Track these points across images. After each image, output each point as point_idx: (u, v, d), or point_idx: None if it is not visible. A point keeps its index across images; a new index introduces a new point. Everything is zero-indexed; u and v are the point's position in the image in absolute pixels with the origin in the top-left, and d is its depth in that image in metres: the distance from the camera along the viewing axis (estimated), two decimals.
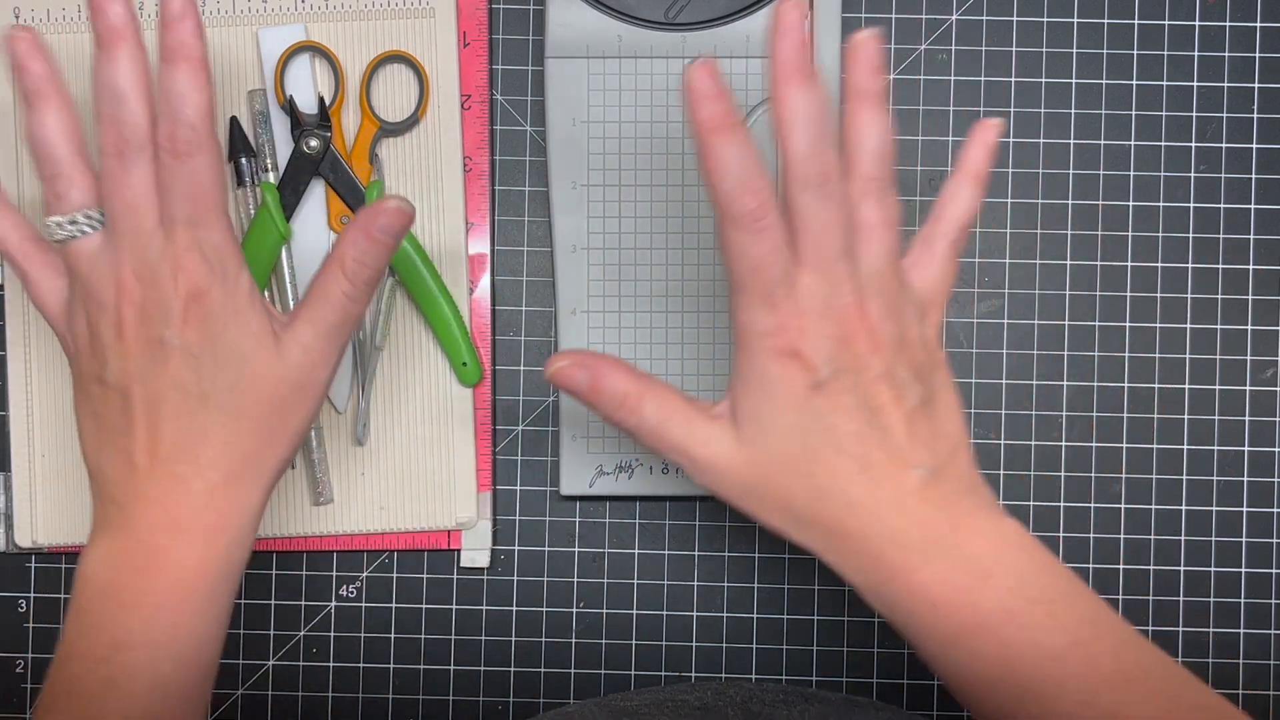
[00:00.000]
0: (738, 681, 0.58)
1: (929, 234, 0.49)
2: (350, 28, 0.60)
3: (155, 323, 0.46)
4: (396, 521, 0.61)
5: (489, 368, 0.61)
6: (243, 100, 0.60)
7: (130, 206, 0.46)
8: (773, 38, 0.44)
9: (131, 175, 0.46)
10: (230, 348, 0.47)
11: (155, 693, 0.45)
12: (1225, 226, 0.62)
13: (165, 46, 0.46)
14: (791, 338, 0.45)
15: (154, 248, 0.46)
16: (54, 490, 0.61)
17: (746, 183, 0.44)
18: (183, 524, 0.46)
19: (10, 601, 0.62)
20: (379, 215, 0.48)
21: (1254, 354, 0.62)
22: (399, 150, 0.60)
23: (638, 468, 0.60)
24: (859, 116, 0.46)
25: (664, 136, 0.59)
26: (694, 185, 0.59)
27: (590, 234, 0.60)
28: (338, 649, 0.62)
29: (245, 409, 0.47)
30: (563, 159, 0.60)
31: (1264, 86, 0.62)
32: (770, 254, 0.44)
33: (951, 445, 0.46)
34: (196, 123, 0.46)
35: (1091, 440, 0.62)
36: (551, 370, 0.47)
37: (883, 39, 0.47)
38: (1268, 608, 0.62)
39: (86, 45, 0.60)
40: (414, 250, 0.59)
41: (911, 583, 0.44)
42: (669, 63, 0.59)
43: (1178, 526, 0.62)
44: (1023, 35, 0.62)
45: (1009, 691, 0.43)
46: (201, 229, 0.46)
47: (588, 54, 0.59)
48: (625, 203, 0.60)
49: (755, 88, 0.59)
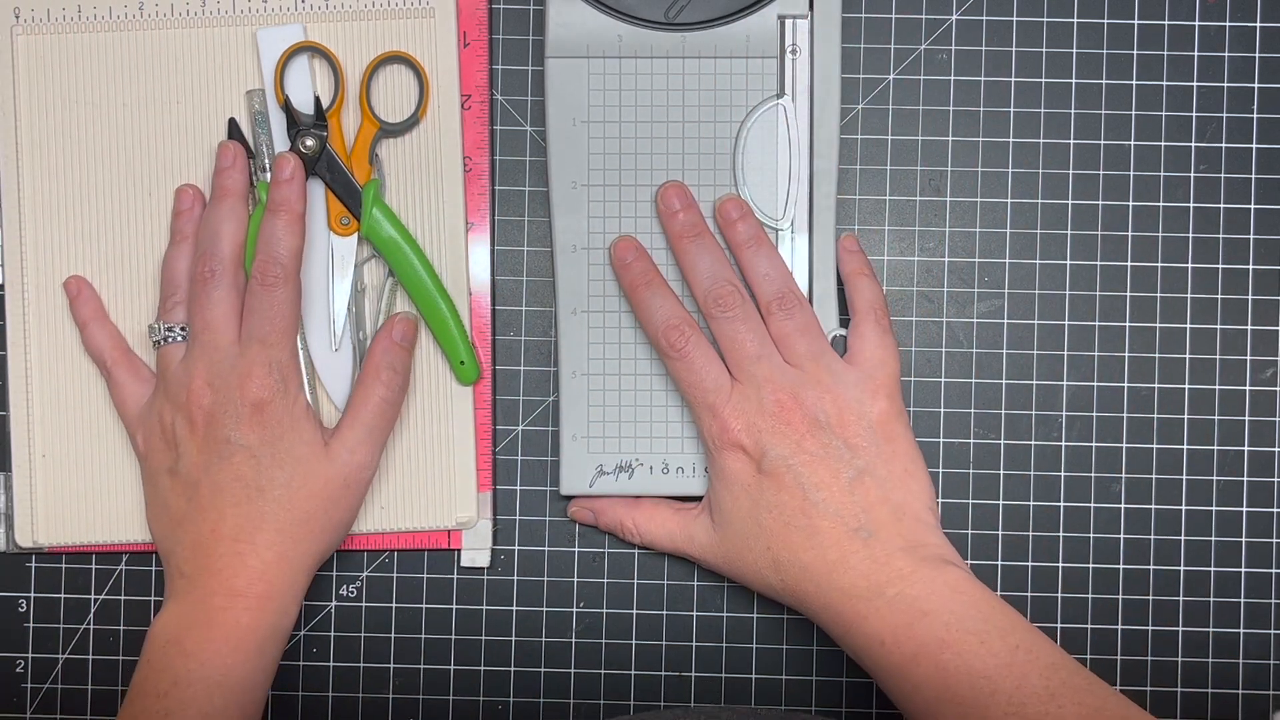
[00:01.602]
0: (694, 710, 0.60)
1: (852, 324, 0.58)
2: (350, 28, 0.60)
3: (223, 424, 0.54)
4: (396, 521, 0.61)
5: (489, 368, 0.61)
6: (241, 101, 0.60)
7: (208, 323, 0.55)
8: (667, 215, 0.57)
9: (212, 298, 0.55)
10: (286, 450, 0.55)
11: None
12: (1225, 226, 0.62)
13: (272, 199, 0.56)
14: (734, 434, 0.54)
15: (226, 361, 0.55)
16: (54, 490, 0.61)
17: (669, 320, 0.56)
18: (239, 591, 0.53)
19: (10, 601, 0.62)
20: (394, 327, 0.58)
21: (1254, 354, 0.62)
22: (399, 150, 0.60)
23: (638, 468, 0.60)
24: (744, 259, 0.57)
25: (664, 136, 0.59)
26: (694, 185, 0.59)
27: (590, 234, 0.60)
28: (338, 649, 0.62)
29: (297, 502, 0.55)
30: (563, 159, 0.60)
31: (1264, 86, 0.62)
32: (699, 374, 0.55)
33: (893, 508, 0.54)
34: (286, 262, 0.55)
35: (1091, 440, 0.62)
36: (570, 514, 0.61)
37: (741, 203, 0.58)
38: (1268, 608, 0.62)
39: (86, 45, 0.60)
40: (412, 250, 0.59)
41: (865, 628, 0.52)
42: (669, 63, 0.59)
43: (1178, 526, 0.62)
44: (1023, 35, 0.62)
45: (950, 710, 0.50)
46: (273, 348, 0.55)
47: (588, 54, 0.59)
48: (625, 203, 0.60)
49: (755, 87, 0.59)
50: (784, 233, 0.59)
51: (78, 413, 0.61)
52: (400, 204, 0.60)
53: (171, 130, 0.60)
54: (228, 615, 0.53)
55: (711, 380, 0.55)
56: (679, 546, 0.58)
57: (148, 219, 0.60)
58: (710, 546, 0.57)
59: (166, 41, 0.60)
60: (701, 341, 0.56)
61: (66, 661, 0.62)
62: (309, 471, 0.55)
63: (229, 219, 0.57)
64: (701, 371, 0.55)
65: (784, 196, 0.59)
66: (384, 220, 0.59)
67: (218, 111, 0.60)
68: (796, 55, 0.59)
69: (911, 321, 0.62)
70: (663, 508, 0.59)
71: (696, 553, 0.57)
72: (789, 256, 0.59)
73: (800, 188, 0.59)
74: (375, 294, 0.61)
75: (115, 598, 0.62)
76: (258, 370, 0.54)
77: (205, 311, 0.55)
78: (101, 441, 0.61)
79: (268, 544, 0.54)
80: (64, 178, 0.60)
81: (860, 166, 0.62)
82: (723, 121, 0.59)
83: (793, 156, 0.59)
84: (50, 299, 0.61)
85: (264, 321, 0.55)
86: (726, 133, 0.59)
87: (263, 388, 0.54)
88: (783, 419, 0.54)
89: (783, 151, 0.59)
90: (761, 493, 0.54)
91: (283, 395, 0.55)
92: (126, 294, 0.61)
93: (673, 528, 0.58)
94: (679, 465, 0.60)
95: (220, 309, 0.55)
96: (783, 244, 0.59)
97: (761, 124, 0.59)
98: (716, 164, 0.59)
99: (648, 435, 0.60)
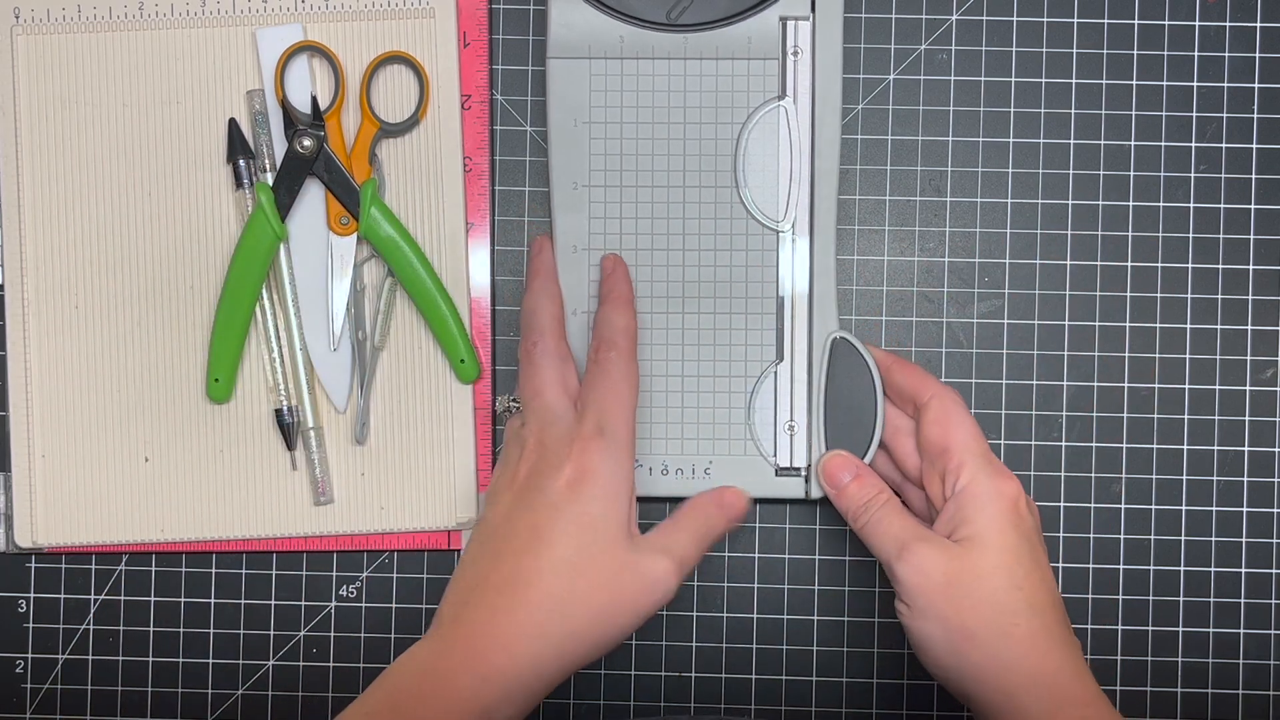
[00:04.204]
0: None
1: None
2: (350, 28, 0.60)
3: (542, 476, 0.53)
4: (396, 521, 0.61)
5: (489, 368, 0.61)
6: (241, 101, 0.60)
7: (537, 391, 0.55)
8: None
9: (537, 368, 0.56)
10: (589, 520, 0.52)
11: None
12: (1225, 226, 0.62)
13: (604, 289, 0.58)
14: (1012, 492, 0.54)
15: (560, 424, 0.54)
16: (54, 490, 0.61)
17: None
18: (478, 652, 0.50)
19: (10, 601, 0.62)
20: (727, 494, 0.56)
21: (1254, 354, 0.62)
22: (399, 150, 0.60)
23: (638, 469, 0.60)
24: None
25: (665, 138, 0.59)
26: (695, 187, 0.59)
27: (591, 234, 0.60)
28: (338, 649, 0.62)
29: (581, 572, 0.51)
30: (564, 159, 0.60)
31: (1264, 86, 0.62)
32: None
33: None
34: (620, 344, 0.56)
35: (1091, 440, 0.62)
36: (826, 469, 0.58)
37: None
38: (1268, 608, 0.62)
39: (86, 45, 0.60)
40: (410, 249, 0.59)
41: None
42: (670, 64, 0.59)
43: (1178, 526, 0.62)
44: (1023, 35, 0.62)
45: None
46: (607, 420, 0.53)
47: (590, 54, 0.59)
48: (626, 203, 0.60)
49: (756, 89, 0.59)
50: (785, 235, 0.59)
51: (78, 413, 0.61)
52: (400, 204, 0.60)
53: (171, 130, 0.60)
54: (454, 681, 0.50)
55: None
56: (891, 558, 0.54)
57: (148, 219, 0.60)
58: (929, 577, 0.53)
59: (166, 41, 0.60)
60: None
61: (66, 662, 0.62)
62: (601, 549, 0.52)
63: (543, 298, 0.58)
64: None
65: (785, 198, 0.59)
66: (382, 220, 0.59)
67: (218, 111, 0.60)
68: (798, 57, 0.59)
69: (911, 322, 0.62)
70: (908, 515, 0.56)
71: (908, 579, 0.53)
72: (789, 259, 0.59)
73: (801, 189, 0.59)
74: (374, 293, 0.61)
75: (115, 598, 0.62)
76: (592, 440, 0.53)
77: (532, 380, 0.56)
78: (101, 441, 0.61)
79: (529, 603, 0.51)
80: (64, 178, 0.60)
81: (860, 167, 0.62)
82: (724, 123, 0.59)
83: (794, 158, 0.59)
84: (50, 299, 0.61)
85: (599, 396, 0.54)
86: (728, 134, 0.59)
87: (591, 453, 0.53)
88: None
89: (784, 153, 0.59)
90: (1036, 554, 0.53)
91: (611, 465, 0.53)
92: (126, 293, 0.61)
93: (906, 538, 0.54)
94: (678, 466, 0.60)
95: (545, 375, 0.55)
96: (783, 246, 0.59)
97: (763, 125, 0.59)
98: (718, 165, 0.59)
99: (647, 436, 0.60)
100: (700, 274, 0.60)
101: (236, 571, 0.62)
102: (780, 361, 0.60)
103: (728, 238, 0.59)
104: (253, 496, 0.61)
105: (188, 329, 0.61)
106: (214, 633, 0.62)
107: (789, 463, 0.60)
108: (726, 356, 0.60)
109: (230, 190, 0.60)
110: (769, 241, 0.59)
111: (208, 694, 0.62)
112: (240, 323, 0.59)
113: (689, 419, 0.59)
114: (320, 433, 0.61)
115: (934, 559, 0.52)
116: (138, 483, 0.61)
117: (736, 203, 0.59)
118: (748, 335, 0.60)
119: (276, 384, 0.60)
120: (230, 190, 0.60)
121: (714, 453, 0.60)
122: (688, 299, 0.59)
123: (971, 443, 0.54)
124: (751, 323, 0.60)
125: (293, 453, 0.61)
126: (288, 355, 0.61)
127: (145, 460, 0.61)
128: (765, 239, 0.59)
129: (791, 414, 0.59)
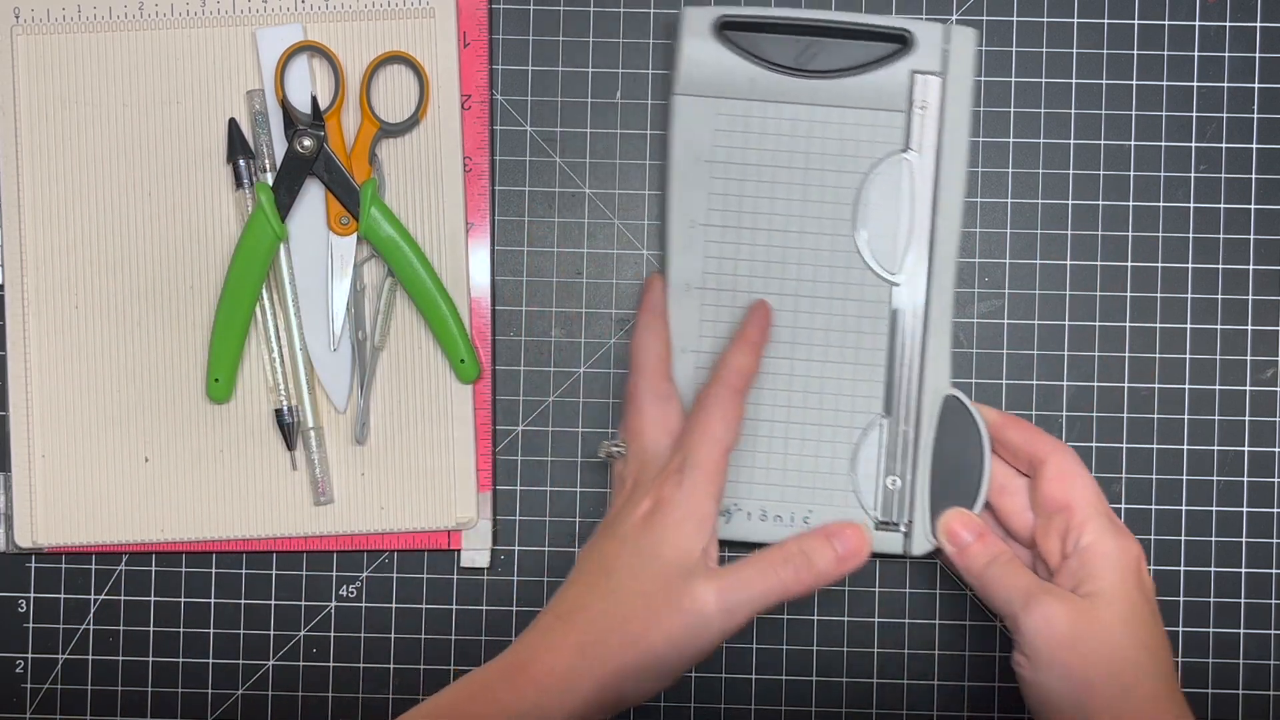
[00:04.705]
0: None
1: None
2: (350, 28, 0.60)
3: (624, 512, 0.54)
4: (396, 521, 0.61)
5: (489, 368, 0.61)
6: (241, 101, 0.60)
7: (633, 434, 0.57)
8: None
9: (639, 408, 0.57)
10: (650, 548, 0.52)
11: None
12: (1225, 226, 0.62)
13: (740, 328, 0.57)
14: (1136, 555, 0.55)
15: (652, 469, 0.55)
16: (54, 490, 0.61)
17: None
18: (521, 665, 0.51)
19: (10, 601, 0.62)
20: (845, 534, 0.55)
21: (1254, 354, 0.62)
22: (399, 150, 0.60)
23: (735, 513, 0.59)
24: None
25: (786, 182, 0.59)
26: (812, 233, 0.59)
27: (705, 273, 0.59)
28: (338, 649, 0.62)
29: (624, 595, 0.52)
30: (683, 196, 0.59)
31: (1264, 86, 0.62)
32: None
33: None
34: (732, 382, 0.55)
35: (1091, 440, 0.62)
36: (944, 529, 0.57)
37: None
38: (1268, 608, 0.62)
39: (86, 45, 0.60)
40: (410, 249, 0.59)
41: None
42: (797, 108, 0.59)
43: (1178, 526, 0.62)
44: (1023, 35, 0.62)
45: None
46: (694, 453, 0.53)
47: (718, 94, 0.59)
48: (742, 244, 0.59)
49: (881, 139, 0.59)
50: (899, 287, 0.59)
51: (78, 413, 0.61)
52: (400, 204, 0.60)
53: (171, 130, 0.60)
54: (501, 697, 0.51)
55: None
56: (1016, 610, 0.53)
57: (148, 219, 0.60)
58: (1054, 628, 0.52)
59: (166, 41, 0.60)
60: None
61: (66, 662, 0.62)
62: (664, 583, 0.52)
63: (651, 340, 0.58)
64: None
65: (901, 250, 0.59)
66: (382, 219, 0.59)
67: (218, 111, 0.60)
68: (925, 111, 0.59)
69: None
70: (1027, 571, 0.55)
71: (1033, 630, 0.53)
72: (903, 311, 0.59)
73: (918, 243, 0.59)
74: (374, 293, 0.61)
75: (115, 598, 0.62)
76: (675, 476, 0.53)
77: (634, 421, 0.57)
78: (101, 441, 0.61)
79: (579, 626, 0.52)
80: (64, 178, 0.60)
81: None
82: (846, 171, 0.59)
83: (914, 211, 0.59)
84: (50, 299, 0.61)
85: (699, 438, 0.54)
86: (849, 182, 0.59)
87: (671, 488, 0.53)
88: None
89: (904, 205, 0.59)
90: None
91: (687, 502, 0.52)
92: (126, 293, 0.61)
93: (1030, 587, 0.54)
94: (776, 513, 0.59)
95: (646, 416, 0.56)
96: (897, 298, 0.59)
97: (884, 176, 0.59)
98: (836, 212, 0.59)
99: (748, 480, 0.59)
100: (813, 320, 0.59)
101: (236, 571, 0.62)
102: (887, 415, 0.59)
103: (842, 286, 0.59)
104: (253, 496, 0.61)
105: (188, 329, 0.61)
106: (214, 633, 0.62)
107: (890, 517, 0.59)
108: (833, 405, 0.59)
109: (230, 190, 0.60)
110: (882, 293, 0.59)
111: (208, 694, 0.62)
112: (240, 323, 0.59)
113: (791, 465, 0.59)
114: (320, 433, 0.61)
115: (1060, 611, 0.52)
116: (138, 483, 0.61)
117: (852, 251, 0.59)
118: (855, 385, 0.59)
119: (276, 384, 0.60)
120: (230, 190, 0.60)
121: (814, 501, 0.59)
122: (798, 345, 0.59)
123: (1094, 500, 0.55)
124: (860, 373, 0.59)
125: (293, 453, 0.61)
126: (288, 355, 0.61)
127: (145, 460, 0.61)
128: (879, 290, 0.59)
129: (896, 468, 0.59)
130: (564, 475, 0.62)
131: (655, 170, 0.62)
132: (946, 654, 0.62)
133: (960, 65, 0.59)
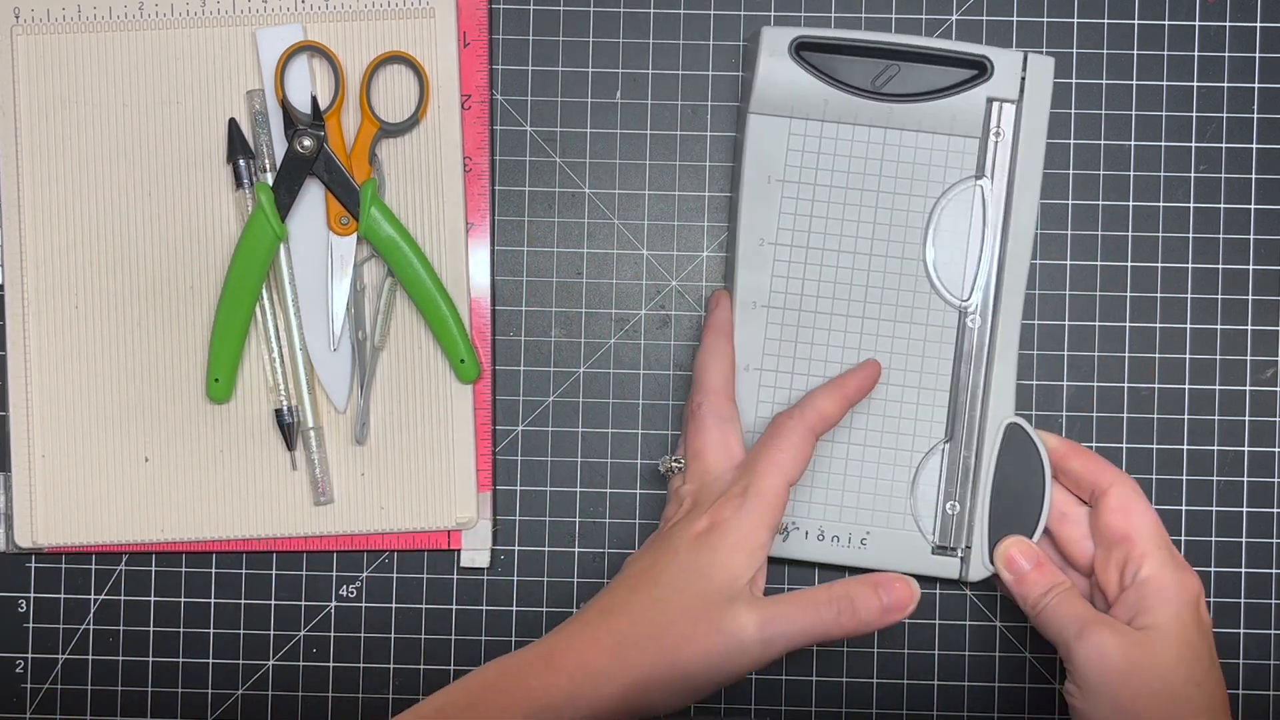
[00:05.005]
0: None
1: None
2: (350, 28, 0.60)
3: (680, 527, 0.54)
4: (396, 521, 0.61)
5: (488, 368, 0.61)
6: (241, 101, 0.60)
7: (697, 452, 0.57)
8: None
9: (701, 427, 0.57)
10: (698, 566, 0.52)
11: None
12: (1225, 226, 0.62)
13: (844, 375, 0.57)
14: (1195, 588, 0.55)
15: (712, 490, 0.55)
16: (54, 490, 0.61)
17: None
18: (554, 653, 0.52)
19: (10, 601, 0.62)
20: (895, 586, 0.54)
21: (1254, 354, 0.62)
22: (399, 150, 0.61)
23: (793, 531, 0.59)
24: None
25: (857, 204, 0.59)
26: (881, 256, 0.59)
27: (772, 292, 0.59)
28: (338, 649, 0.62)
29: (665, 609, 0.52)
30: (753, 215, 0.59)
31: (1264, 86, 0.62)
32: None
33: None
34: (809, 420, 0.55)
35: (1092, 440, 0.62)
36: (1002, 557, 0.57)
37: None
38: (1268, 608, 0.62)
39: (86, 45, 0.60)
40: (410, 249, 0.59)
41: None
42: (871, 131, 0.59)
43: (1178, 526, 0.62)
44: (1023, 35, 0.62)
45: None
46: (756, 480, 0.53)
47: (792, 114, 0.59)
48: (810, 264, 0.59)
49: (954, 165, 0.59)
50: (967, 314, 0.59)
51: (78, 413, 0.61)
52: (400, 204, 0.60)
53: (171, 130, 0.60)
54: (514, 692, 0.51)
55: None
56: (1070, 639, 0.53)
57: (148, 219, 0.60)
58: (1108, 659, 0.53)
59: (166, 41, 0.60)
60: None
61: (66, 662, 0.62)
62: (700, 598, 0.52)
63: (714, 358, 0.58)
64: None
65: (971, 276, 0.59)
66: (382, 219, 0.59)
67: (218, 111, 0.60)
68: (1000, 138, 0.59)
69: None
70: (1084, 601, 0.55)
71: (1086, 660, 0.53)
72: (971, 338, 0.59)
73: (986, 269, 0.59)
74: (374, 293, 0.61)
75: (115, 598, 0.62)
76: (735, 499, 0.53)
77: (695, 440, 0.57)
78: (101, 441, 0.61)
79: (611, 631, 0.52)
80: (64, 178, 0.60)
81: None
82: (918, 195, 0.59)
83: (985, 238, 0.59)
84: (50, 299, 0.61)
85: (759, 464, 0.54)
86: (920, 206, 0.59)
87: (730, 508, 0.53)
88: None
89: (975, 232, 0.59)
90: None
91: (745, 523, 0.53)
92: (126, 293, 0.61)
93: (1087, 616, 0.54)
94: (834, 534, 0.59)
95: (708, 437, 0.56)
96: (964, 324, 0.59)
97: (957, 202, 0.59)
98: (907, 236, 0.59)
99: (806, 499, 0.59)
100: (878, 343, 0.59)
101: (236, 571, 0.62)
102: (949, 440, 0.59)
103: (909, 310, 0.59)
104: (253, 496, 0.61)
105: (188, 329, 0.61)
106: (214, 633, 0.62)
107: (948, 542, 0.59)
108: (895, 429, 0.59)
109: (230, 190, 0.60)
110: (950, 318, 0.59)
111: (208, 694, 0.62)
112: (240, 323, 0.59)
113: (850, 487, 0.59)
114: (320, 433, 0.61)
115: (1115, 643, 0.52)
116: (138, 483, 0.61)
117: (921, 275, 0.59)
118: (918, 410, 0.59)
119: (276, 384, 0.60)
120: (230, 190, 0.60)
121: (872, 524, 0.59)
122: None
123: (1154, 532, 0.55)
124: (924, 398, 0.59)
125: (293, 453, 0.61)
126: (288, 355, 0.61)
127: (145, 460, 0.61)
128: (946, 315, 0.59)
129: (956, 494, 0.59)
130: (564, 475, 0.62)
131: (655, 170, 0.62)
132: (946, 654, 0.62)
133: (1037, 93, 0.58)
